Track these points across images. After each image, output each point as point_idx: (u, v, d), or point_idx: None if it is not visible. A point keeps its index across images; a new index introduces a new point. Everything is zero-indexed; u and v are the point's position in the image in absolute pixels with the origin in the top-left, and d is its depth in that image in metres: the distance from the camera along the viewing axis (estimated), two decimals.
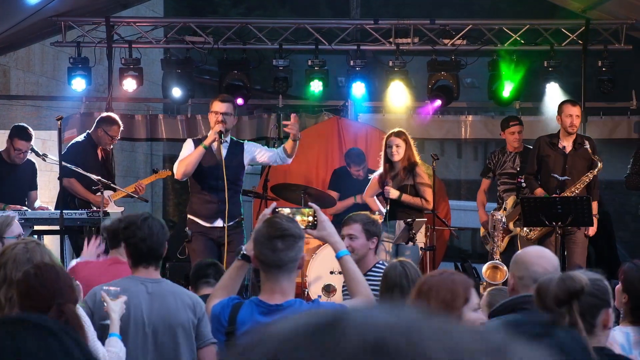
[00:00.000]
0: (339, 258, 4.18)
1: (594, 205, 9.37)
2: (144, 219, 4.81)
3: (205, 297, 5.84)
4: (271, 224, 3.91)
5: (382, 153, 9.21)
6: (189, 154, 8.41)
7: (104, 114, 10.14)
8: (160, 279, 4.89)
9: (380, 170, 9.28)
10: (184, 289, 5.06)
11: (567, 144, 9.49)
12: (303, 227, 4.13)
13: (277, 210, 4.17)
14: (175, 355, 4.77)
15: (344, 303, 4.02)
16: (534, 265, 4.04)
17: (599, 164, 9.29)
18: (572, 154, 9.45)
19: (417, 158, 9.22)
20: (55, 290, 3.62)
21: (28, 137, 9.49)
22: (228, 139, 8.52)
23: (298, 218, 4.15)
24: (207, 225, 8.32)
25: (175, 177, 8.57)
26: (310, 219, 4.28)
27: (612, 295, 3.54)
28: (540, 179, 9.60)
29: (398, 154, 9.07)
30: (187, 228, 8.41)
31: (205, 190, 8.41)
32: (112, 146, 10.04)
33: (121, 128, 9.91)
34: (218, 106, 8.42)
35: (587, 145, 9.30)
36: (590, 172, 9.33)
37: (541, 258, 4.13)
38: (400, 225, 9.01)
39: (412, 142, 9.16)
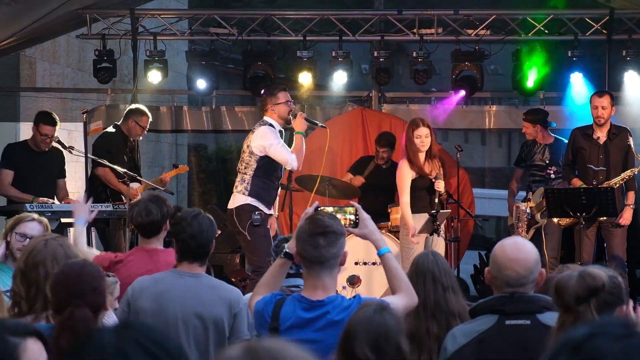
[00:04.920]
0: (380, 255, 4.21)
1: (631, 195, 9.40)
2: (195, 216, 4.85)
3: None
4: (313, 220, 3.97)
5: (411, 144, 8.89)
6: (296, 144, 8.61)
7: (133, 106, 10.25)
8: (200, 274, 4.89)
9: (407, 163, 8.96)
10: (225, 285, 5.02)
11: (601, 134, 9.48)
12: (345, 225, 4.19)
13: (319, 208, 4.18)
14: (205, 348, 4.77)
15: (385, 299, 4.05)
16: (507, 270, 3.86)
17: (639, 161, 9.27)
18: (606, 144, 9.44)
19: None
20: (74, 291, 3.63)
21: (54, 122, 9.56)
22: None
23: (340, 216, 4.19)
24: (267, 212, 8.55)
25: (298, 169, 8.76)
26: (352, 217, 4.31)
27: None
28: (577, 170, 9.60)
29: (425, 145, 8.89)
30: (256, 212, 8.46)
31: (274, 177, 8.69)
32: (140, 137, 10.16)
33: (150, 119, 10.02)
34: (288, 95, 8.80)
35: (630, 140, 9.31)
36: (631, 170, 9.29)
37: (514, 261, 3.88)
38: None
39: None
